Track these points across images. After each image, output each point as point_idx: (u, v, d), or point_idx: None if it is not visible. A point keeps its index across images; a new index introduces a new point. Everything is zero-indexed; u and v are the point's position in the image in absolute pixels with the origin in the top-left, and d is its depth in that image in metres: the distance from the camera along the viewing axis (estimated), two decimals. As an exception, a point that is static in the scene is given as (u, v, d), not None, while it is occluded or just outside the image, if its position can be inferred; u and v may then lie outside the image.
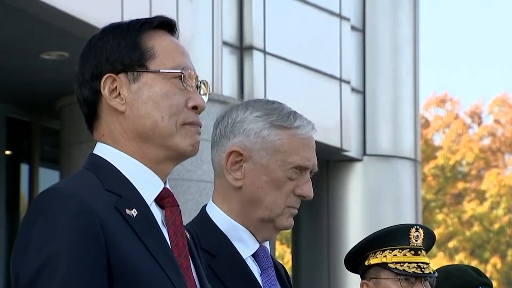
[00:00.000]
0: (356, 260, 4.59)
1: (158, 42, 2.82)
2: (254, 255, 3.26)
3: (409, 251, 4.51)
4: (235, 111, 3.33)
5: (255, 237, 3.26)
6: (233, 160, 3.27)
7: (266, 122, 3.28)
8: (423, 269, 4.48)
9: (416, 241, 4.51)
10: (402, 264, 4.50)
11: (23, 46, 8.64)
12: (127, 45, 2.79)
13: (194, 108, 2.81)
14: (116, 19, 3.01)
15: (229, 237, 3.24)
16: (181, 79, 2.80)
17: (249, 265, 3.23)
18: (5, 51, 8.76)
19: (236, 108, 3.34)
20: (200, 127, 2.83)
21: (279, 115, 3.29)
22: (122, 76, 2.78)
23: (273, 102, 3.32)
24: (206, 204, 3.32)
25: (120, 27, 2.84)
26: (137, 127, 2.78)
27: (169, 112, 2.78)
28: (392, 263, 4.51)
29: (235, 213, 3.26)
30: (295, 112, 3.31)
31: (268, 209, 3.23)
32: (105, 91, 2.78)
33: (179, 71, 2.80)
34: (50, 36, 8.30)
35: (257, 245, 3.27)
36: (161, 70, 2.79)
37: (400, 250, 4.52)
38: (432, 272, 4.48)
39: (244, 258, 3.23)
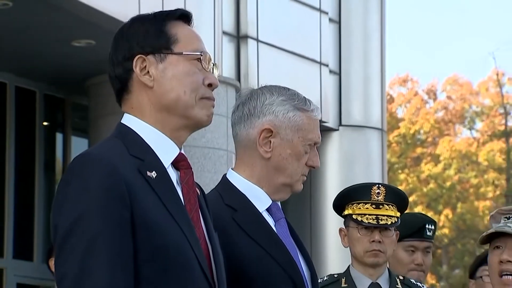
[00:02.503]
0: (339, 210, 4.61)
1: (180, 30, 2.81)
2: (268, 210, 3.26)
3: (371, 205, 4.52)
4: (262, 95, 3.32)
5: (270, 196, 3.26)
6: (264, 136, 3.26)
7: (291, 105, 3.29)
8: (379, 221, 4.47)
9: (378, 197, 4.52)
10: (363, 215, 4.50)
11: (57, 36, 8.61)
12: (155, 32, 2.79)
13: (210, 85, 2.82)
14: (134, 12, 3.00)
15: (247, 196, 3.24)
16: (199, 61, 2.80)
17: (265, 217, 3.23)
18: (42, 40, 8.73)
19: (262, 92, 3.33)
20: (214, 101, 2.84)
21: (299, 100, 3.31)
22: (150, 57, 2.77)
23: (289, 89, 3.35)
24: (226, 173, 3.32)
25: (148, 17, 2.84)
26: (162, 99, 2.78)
27: (190, 88, 2.78)
28: (355, 214, 4.52)
29: (257, 178, 3.26)
30: (308, 99, 3.34)
31: (290, 176, 3.25)
32: (136, 69, 2.77)
33: (198, 53, 2.80)
34: (80, 27, 8.27)
35: (270, 201, 3.27)
36: (184, 52, 2.78)
37: (363, 204, 4.53)
38: (389, 223, 4.47)
39: (260, 211, 3.23)
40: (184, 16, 2.85)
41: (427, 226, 5.27)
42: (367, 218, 4.50)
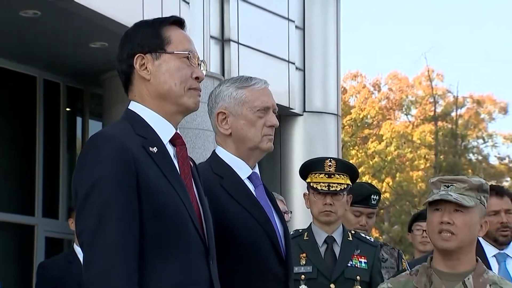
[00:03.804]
0: (304, 178, 4.62)
1: (172, 33, 2.79)
2: (249, 178, 3.24)
3: (324, 175, 4.53)
4: (216, 89, 3.32)
5: (249, 165, 3.24)
6: (220, 118, 3.25)
7: (234, 87, 3.26)
8: (330, 188, 4.50)
9: (330, 168, 4.54)
10: (317, 183, 4.52)
11: (77, 38, 8.55)
12: (152, 35, 2.77)
13: (197, 78, 2.80)
14: (139, 18, 2.97)
15: (231, 166, 3.22)
16: (188, 58, 2.78)
17: (246, 184, 3.22)
18: (65, 42, 8.68)
19: (217, 86, 3.33)
20: (200, 91, 2.82)
21: (241, 80, 3.28)
22: (148, 55, 2.75)
23: (241, 76, 3.33)
24: (215, 149, 3.30)
25: (147, 22, 2.82)
26: (158, 90, 2.76)
27: (180, 80, 2.76)
28: (312, 182, 4.55)
29: (233, 150, 3.24)
30: (252, 77, 3.31)
31: (252, 140, 3.22)
32: (136, 66, 2.76)
33: (187, 53, 2.78)
34: (95, 31, 8.21)
35: (251, 171, 3.24)
36: (175, 52, 2.76)
37: (318, 174, 4.55)
38: (338, 189, 4.49)
39: (242, 179, 3.22)
40: (177, 22, 2.82)
41: (372, 196, 5.27)
42: (320, 185, 4.51)
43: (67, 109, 10.21)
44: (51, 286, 5.05)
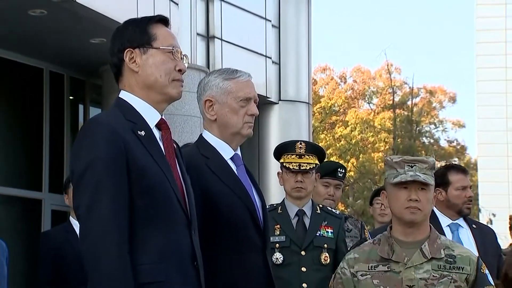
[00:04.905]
0: (278, 159, 4.59)
1: (158, 30, 2.75)
2: (232, 158, 3.20)
3: (296, 155, 4.51)
4: (204, 78, 3.27)
5: (231, 147, 3.21)
6: (207, 105, 3.21)
7: (221, 78, 3.21)
8: (301, 167, 4.48)
9: (300, 150, 4.53)
10: (289, 163, 4.51)
11: (79, 35, 8.48)
12: (140, 32, 2.74)
13: (180, 70, 2.76)
14: (133, 16, 2.93)
15: (216, 148, 3.19)
16: (172, 53, 2.75)
17: (229, 164, 3.18)
18: (68, 38, 8.61)
19: (205, 76, 3.28)
20: (183, 82, 2.79)
21: (228, 72, 3.23)
22: (137, 50, 2.72)
23: (227, 68, 3.27)
24: (202, 132, 3.26)
25: (136, 20, 2.79)
26: (145, 81, 2.73)
27: (165, 72, 2.73)
28: (285, 162, 4.53)
29: (218, 134, 3.21)
30: (237, 70, 3.26)
31: (234, 126, 3.18)
32: (126, 59, 2.72)
33: (171, 48, 2.75)
34: (95, 29, 8.16)
35: (233, 152, 3.21)
36: (160, 47, 2.73)
37: (290, 155, 4.53)
38: (308, 168, 4.48)
39: (226, 159, 3.18)
40: (162, 20, 2.79)
41: (338, 169, 5.28)
42: (292, 165, 4.50)
43: (71, 97, 10.14)
44: (53, 252, 5.08)
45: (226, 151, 3.18)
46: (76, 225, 5.24)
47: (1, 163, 9.31)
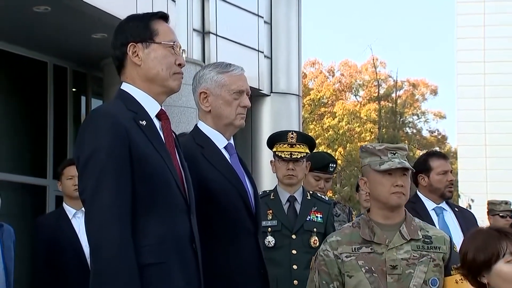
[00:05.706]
0: (271, 148, 4.60)
1: (160, 26, 2.75)
2: (225, 147, 3.20)
3: (287, 145, 4.51)
4: (200, 72, 3.26)
5: (225, 137, 3.20)
6: (202, 97, 3.20)
7: (215, 72, 3.21)
8: (292, 155, 4.48)
9: (291, 140, 4.53)
10: (281, 152, 4.51)
11: (82, 30, 8.45)
12: (143, 27, 2.73)
13: (179, 64, 2.76)
14: (133, 13, 2.93)
15: (210, 137, 3.18)
16: (173, 48, 2.74)
17: (223, 153, 3.18)
18: (71, 33, 8.58)
19: (200, 69, 3.27)
20: (183, 75, 2.79)
21: (222, 66, 3.23)
22: (139, 44, 2.72)
23: (221, 62, 3.27)
24: (197, 123, 3.26)
25: (138, 16, 2.78)
26: (147, 74, 2.72)
27: (166, 66, 2.73)
28: (277, 151, 4.53)
29: (212, 125, 3.20)
30: (231, 64, 3.26)
31: (227, 117, 3.18)
32: (129, 53, 2.72)
33: (172, 43, 2.74)
34: (96, 24, 8.13)
35: (227, 142, 3.21)
36: (162, 42, 2.73)
37: (282, 144, 4.53)
38: (299, 157, 4.48)
39: (220, 148, 3.18)
40: (163, 16, 2.79)
41: (330, 164, 5.26)
42: (284, 154, 4.50)
43: (73, 89, 10.11)
44: (47, 235, 5.08)
45: (220, 141, 3.18)
46: (68, 210, 5.24)
47: (8, 152, 9.30)
